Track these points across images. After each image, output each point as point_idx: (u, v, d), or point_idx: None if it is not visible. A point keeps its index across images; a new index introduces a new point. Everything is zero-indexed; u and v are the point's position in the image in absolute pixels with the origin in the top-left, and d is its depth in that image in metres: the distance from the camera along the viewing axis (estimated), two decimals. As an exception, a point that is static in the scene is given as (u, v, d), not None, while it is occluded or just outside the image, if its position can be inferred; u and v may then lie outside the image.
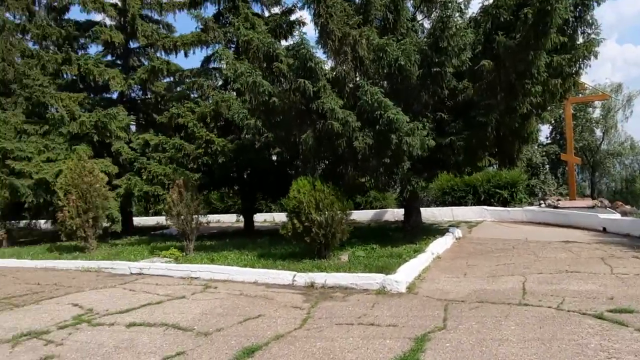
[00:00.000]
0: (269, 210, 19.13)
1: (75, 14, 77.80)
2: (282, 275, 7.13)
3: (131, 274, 8.68)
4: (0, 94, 15.67)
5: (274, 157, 12.62)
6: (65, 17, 16.29)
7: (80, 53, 15.67)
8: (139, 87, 15.89)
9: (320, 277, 6.70)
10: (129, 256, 9.64)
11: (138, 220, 22.93)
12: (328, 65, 9.00)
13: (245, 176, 12.65)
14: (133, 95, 16.37)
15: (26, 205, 12.60)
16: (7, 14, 16.36)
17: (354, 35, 8.36)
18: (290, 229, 7.75)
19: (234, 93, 12.31)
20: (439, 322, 4.41)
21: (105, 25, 15.00)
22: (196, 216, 9.62)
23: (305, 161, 8.77)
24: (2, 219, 12.75)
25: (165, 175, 10.99)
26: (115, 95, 16.72)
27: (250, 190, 12.76)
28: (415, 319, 4.59)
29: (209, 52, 14.26)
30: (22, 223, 15.46)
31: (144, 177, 12.04)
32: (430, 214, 14.81)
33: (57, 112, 13.22)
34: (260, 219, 17.13)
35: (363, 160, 8.37)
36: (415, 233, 9.95)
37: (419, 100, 8.43)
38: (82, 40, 16.46)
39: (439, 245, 8.95)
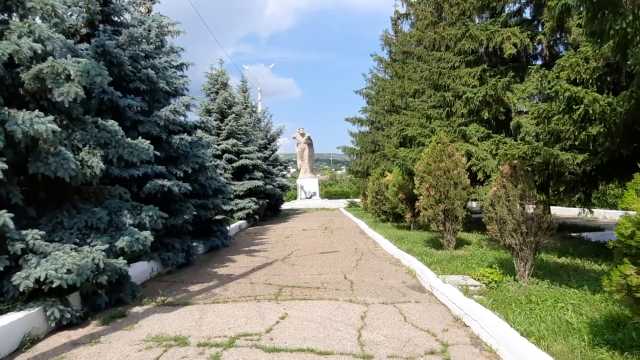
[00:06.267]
0: None
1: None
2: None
3: (429, 288, 6.69)
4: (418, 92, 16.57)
5: None
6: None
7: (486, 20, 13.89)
8: (554, 41, 12.16)
9: None
10: (458, 266, 7.43)
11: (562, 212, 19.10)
12: None
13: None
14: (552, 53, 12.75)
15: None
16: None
17: None
18: (618, 284, 3.23)
19: None
20: None
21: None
22: (534, 222, 6.05)
23: None
24: (409, 203, 13.43)
25: (523, 157, 7.52)
26: (539, 61, 13.81)
27: None
28: None
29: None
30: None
31: (497, 161, 8.96)
32: None
33: (454, 91, 12.37)
34: None
35: None
36: None
37: None
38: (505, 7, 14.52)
39: None
